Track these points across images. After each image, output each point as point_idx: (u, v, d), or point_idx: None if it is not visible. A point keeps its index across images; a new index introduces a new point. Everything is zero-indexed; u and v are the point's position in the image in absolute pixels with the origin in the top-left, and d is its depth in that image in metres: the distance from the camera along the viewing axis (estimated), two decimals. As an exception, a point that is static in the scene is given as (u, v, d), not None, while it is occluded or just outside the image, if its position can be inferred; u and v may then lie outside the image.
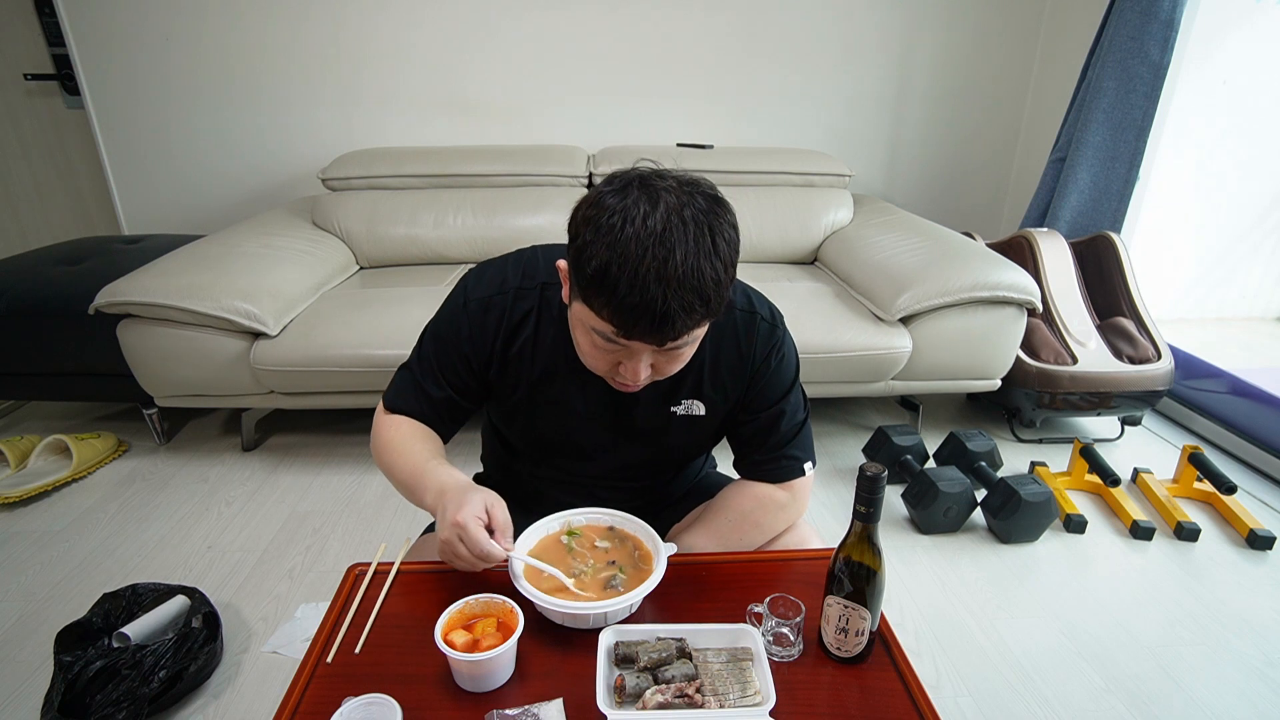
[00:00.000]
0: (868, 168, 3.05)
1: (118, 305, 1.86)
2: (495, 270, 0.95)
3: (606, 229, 0.71)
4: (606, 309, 0.73)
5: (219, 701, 1.32)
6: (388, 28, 2.70)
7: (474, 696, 0.75)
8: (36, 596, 1.58)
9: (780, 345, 0.96)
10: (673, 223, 0.71)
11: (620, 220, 0.71)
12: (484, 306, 0.93)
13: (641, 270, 0.69)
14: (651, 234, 0.70)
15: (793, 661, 0.81)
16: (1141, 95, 2.36)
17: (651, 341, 0.75)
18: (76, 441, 2.02)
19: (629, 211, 0.71)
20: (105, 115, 2.77)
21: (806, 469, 1.00)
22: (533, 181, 2.59)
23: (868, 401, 2.51)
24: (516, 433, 1.03)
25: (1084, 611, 1.57)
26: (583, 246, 0.73)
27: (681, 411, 0.96)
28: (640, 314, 0.71)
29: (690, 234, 0.71)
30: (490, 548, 0.80)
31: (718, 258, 0.72)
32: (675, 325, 0.72)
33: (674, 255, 0.70)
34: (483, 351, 0.94)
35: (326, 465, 2.11)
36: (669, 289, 0.70)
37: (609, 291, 0.71)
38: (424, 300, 2.00)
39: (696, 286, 0.71)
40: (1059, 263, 2.36)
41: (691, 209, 0.72)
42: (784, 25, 2.80)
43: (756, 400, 0.97)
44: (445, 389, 0.96)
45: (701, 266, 0.71)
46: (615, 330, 0.75)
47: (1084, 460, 2.01)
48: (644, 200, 0.72)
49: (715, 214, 0.74)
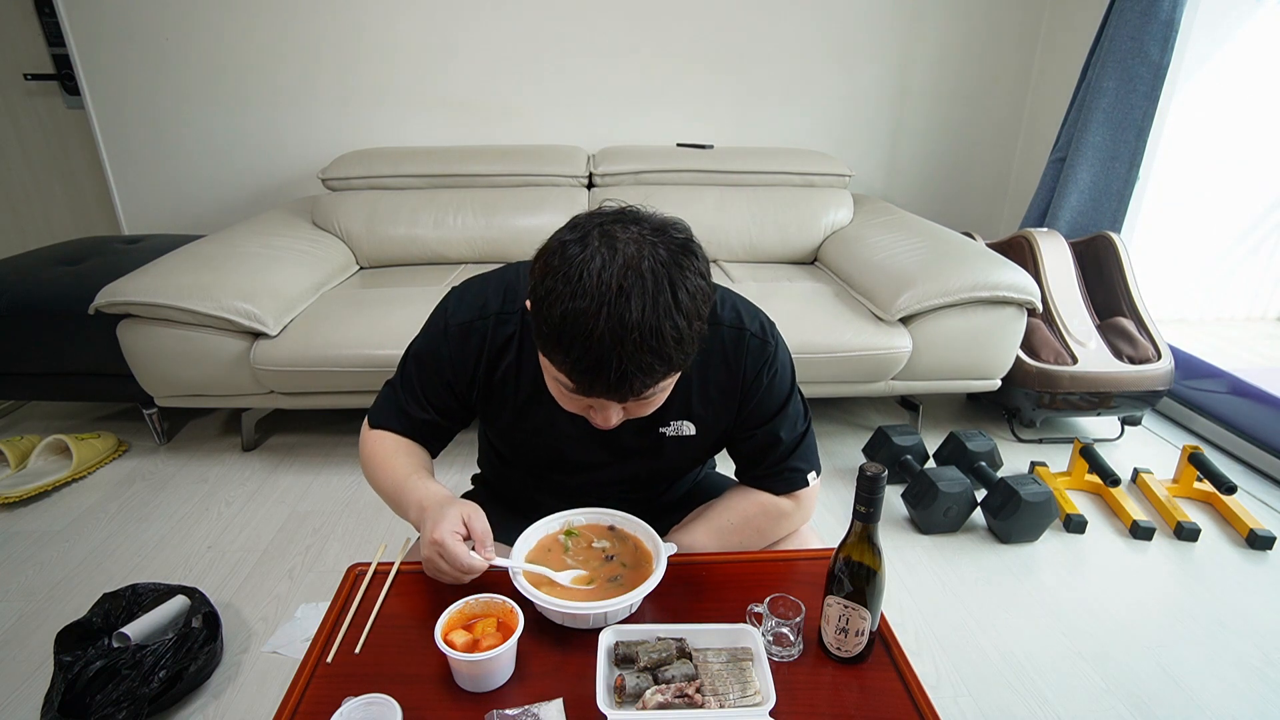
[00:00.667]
0: (868, 168, 3.05)
1: (118, 305, 1.86)
2: (476, 292, 0.93)
3: (563, 281, 0.68)
4: (564, 366, 0.71)
5: (219, 701, 1.32)
6: (388, 28, 2.70)
7: (474, 696, 0.75)
8: (36, 596, 1.58)
9: (772, 360, 0.93)
10: (630, 277, 0.67)
11: (577, 273, 0.67)
12: (465, 331, 0.91)
13: (596, 332, 0.66)
14: (607, 290, 0.66)
15: (793, 661, 0.81)
16: (1141, 95, 2.36)
17: (612, 399, 0.74)
18: (76, 441, 2.02)
19: (587, 264, 0.67)
20: (105, 115, 2.77)
21: (810, 479, 0.99)
22: (533, 181, 2.59)
23: (868, 401, 2.51)
24: (509, 449, 1.02)
25: (1084, 611, 1.57)
26: (540, 298, 0.70)
27: (670, 433, 0.94)
28: (597, 375, 0.69)
29: (649, 288, 0.67)
30: (470, 561, 0.80)
31: (679, 313, 0.68)
32: (634, 385, 0.70)
33: (630, 313, 0.66)
34: (464, 376, 0.92)
35: (326, 465, 2.11)
36: (625, 350, 0.67)
37: (564, 351, 0.69)
38: (424, 300, 1.98)
39: (655, 347, 0.68)
40: (1059, 263, 2.36)
41: (652, 260, 0.68)
42: (784, 25, 2.80)
43: (752, 417, 0.95)
44: (429, 411, 0.95)
45: (660, 325, 0.67)
46: (573, 388, 0.73)
47: (1084, 460, 2.01)
48: (603, 250, 0.68)
49: (678, 264, 0.70)
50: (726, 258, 2.58)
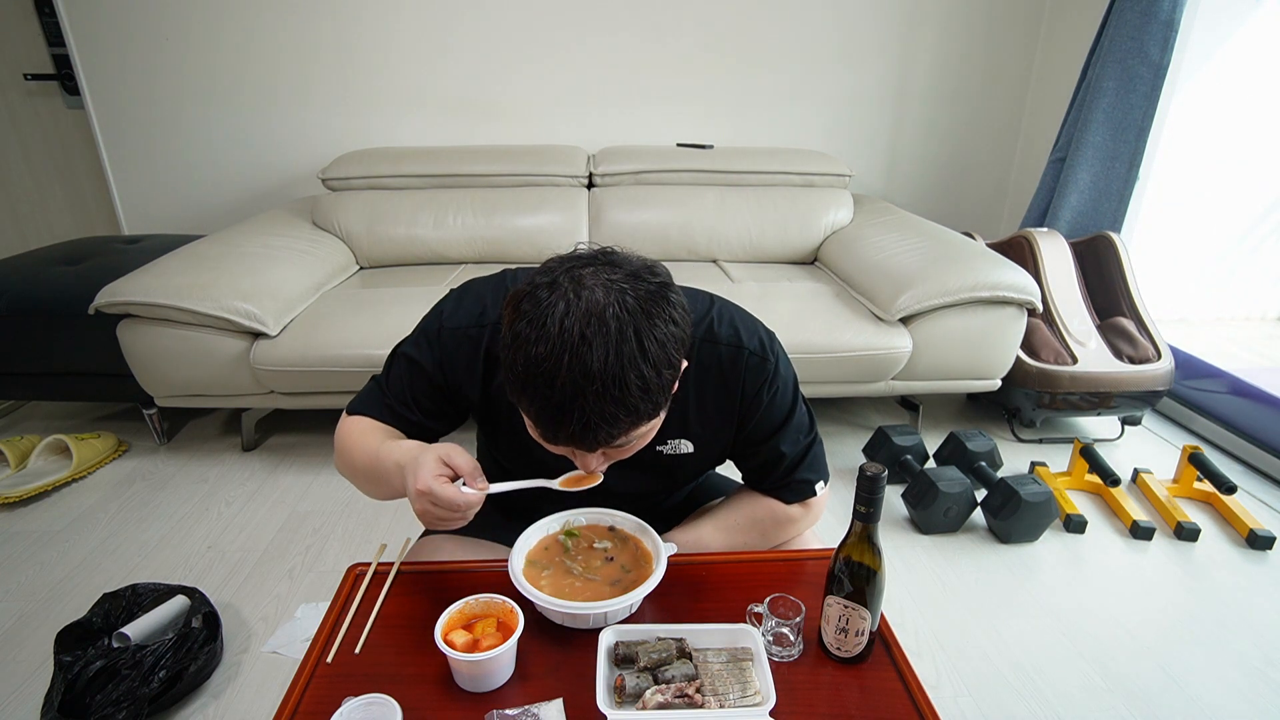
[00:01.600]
0: (868, 168, 3.05)
1: (118, 305, 1.86)
2: (474, 298, 0.91)
3: (528, 326, 0.66)
4: (530, 413, 0.70)
5: (219, 701, 1.32)
6: (388, 28, 2.70)
7: (474, 696, 0.75)
8: (36, 596, 1.58)
9: (773, 378, 0.90)
10: (592, 325, 0.65)
11: (541, 319, 0.66)
12: (459, 339, 0.89)
13: (558, 380, 0.65)
14: (569, 336, 0.65)
15: (793, 661, 0.81)
16: (1141, 95, 2.36)
17: (582, 448, 0.72)
18: (76, 441, 2.02)
19: (551, 309, 0.66)
20: (105, 115, 2.77)
21: (818, 488, 0.98)
22: (533, 181, 2.59)
23: (868, 401, 2.51)
24: (508, 461, 1.01)
25: (1084, 611, 1.57)
26: (508, 344, 0.69)
27: (669, 451, 0.93)
28: (560, 424, 0.68)
29: (611, 336, 0.65)
30: (464, 496, 0.77)
31: (644, 361, 0.66)
32: (599, 435, 0.68)
33: (592, 361, 0.64)
34: (456, 383, 0.90)
35: (326, 465, 2.11)
36: (586, 400, 0.66)
37: (529, 398, 0.68)
38: (424, 300, 1.97)
39: (617, 397, 0.66)
40: (1059, 263, 2.36)
41: (618, 307, 0.66)
42: (784, 25, 2.80)
43: (754, 435, 0.93)
44: (415, 413, 0.93)
45: (624, 374, 0.65)
46: (542, 435, 0.72)
47: (1084, 460, 2.01)
48: (569, 295, 0.66)
49: (646, 313, 0.67)
50: (726, 258, 2.58)
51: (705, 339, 0.88)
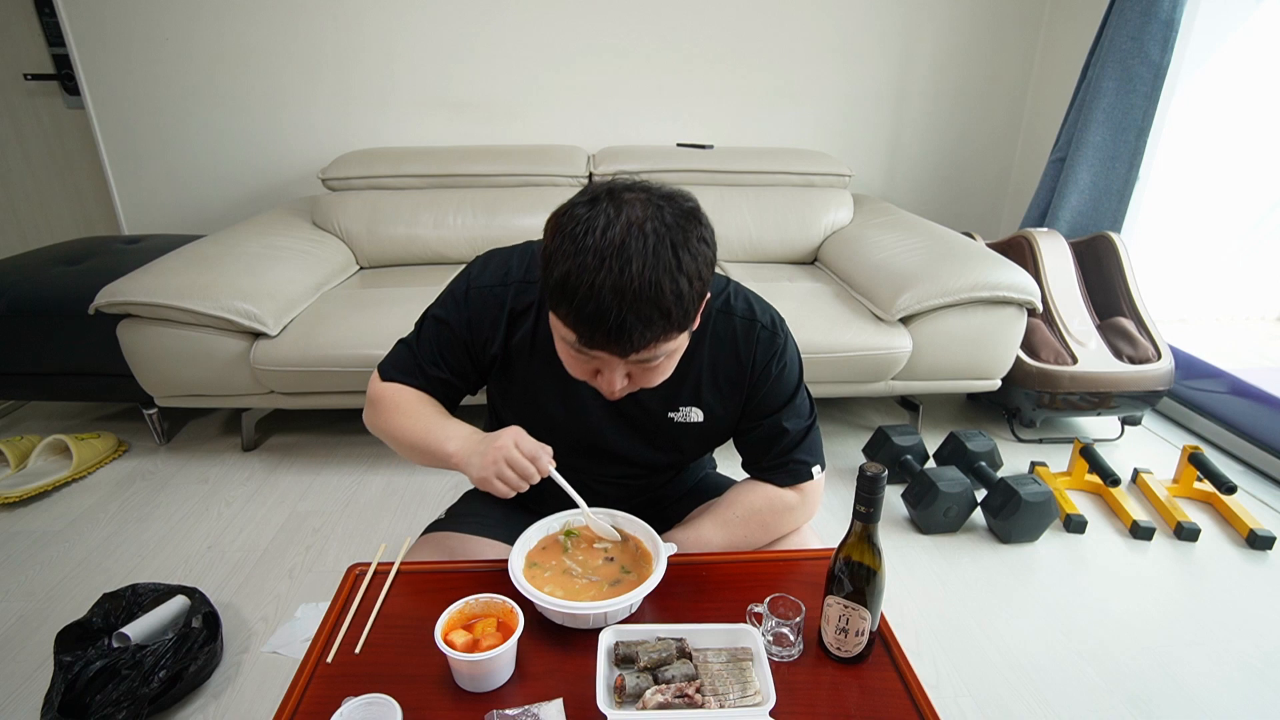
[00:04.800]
0: (868, 168, 3.05)
1: (118, 305, 1.86)
2: (500, 260, 0.97)
3: (570, 239, 0.72)
4: (568, 318, 0.74)
5: (219, 701, 1.32)
6: (388, 28, 2.70)
7: (474, 696, 0.75)
8: (36, 596, 1.58)
9: (782, 353, 0.96)
10: (633, 234, 0.71)
11: (583, 230, 0.72)
12: (485, 297, 0.94)
13: (598, 282, 0.70)
14: (610, 245, 0.70)
15: (793, 661, 0.81)
16: (1141, 95, 2.37)
17: (613, 353, 0.76)
18: (76, 441, 2.02)
19: (592, 222, 0.72)
20: (105, 115, 2.76)
21: (815, 472, 1.00)
22: (533, 181, 2.59)
23: (868, 401, 2.51)
24: (516, 416, 1.03)
25: (1084, 611, 1.57)
26: (549, 255, 0.74)
27: (679, 418, 0.97)
28: (597, 324, 0.72)
29: (649, 247, 0.71)
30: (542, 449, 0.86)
31: (680, 272, 0.72)
32: (633, 338, 0.73)
33: (630, 268, 0.70)
34: (481, 338, 0.95)
35: (326, 465, 2.11)
36: (624, 301, 0.70)
37: (568, 301, 0.72)
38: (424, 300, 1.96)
39: (654, 299, 0.71)
40: (1059, 263, 2.36)
41: (655, 222, 0.72)
42: (784, 25, 2.80)
43: (760, 407, 0.97)
44: (443, 370, 0.97)
45: (660, 280, 0.71)
46: (577, 339, 0.76)
47: (1084, 460, 2.01)
48: (609, 211, 0.72)
49: (683, 228, 0.74)
50: (726, 258, 2.58)
51: (721, 310, 0.94)
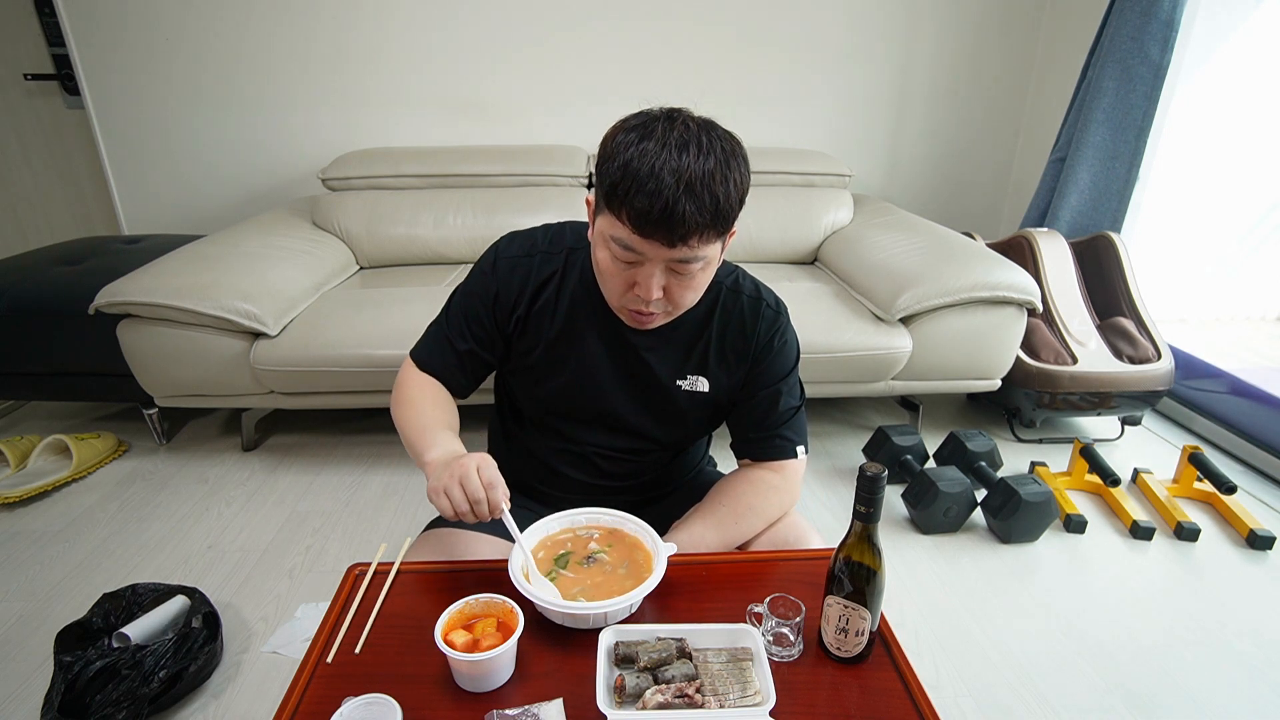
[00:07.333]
0: (868, 168, 3.05)
1: (118, 305, 1.86)
2: (525, 236, 1.05)
3: (630, 141, 0.80)
4: (624, 207, 0.80)
5: (219, 701, 1.32)
6: (388, 28, 2.69)
7: (474, 696, 0.75)
8: (36, 596, 1.58)
9: (783, 331, 1.04)
10: (691, 135, 0.79)
11: (646, 129, 0.80)
12: (512, 265, 1.01)
13: (658, 165, 0.77)
14: (671, 140, 0.79)
15: (793, 661, 0.81)
16: (1141, 95, 2.36)
17: (662, 241, 0.80)
18: (76, 441, 2.02)
19: (650, 126, 0.80)
20: (105, 115, 2.76)
21: (799, 452, 1.05)
22: (533, 181, 2.59)
23: (868, 401, 2.51)
24: (528, 393, 1.07)
25: (1084, 611, 1.57)
26: (607, 157, 0.82)
27: (686, 386, 1.03)
28: (654, 202, 0.77)
29: (706, 146, 0.79)
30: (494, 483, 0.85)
31: (730, 172, 0.80)
32: (686, 223, 0.78)
33: (688, 155, 0.78)
34: (507, 305, 1.01)
35: (326, 465, 2.11)
36: (681, 184, 0.77)
37: (628, 186, 0.78)
38: (424, 300, 2.00)
39: (709, 186, 0.78)
40: (1059, 263, 2.36)
41: (710, 135, 0.81)
42: (784, 26, 2.80)
43: (757, 380, 1.03)
44: (469, 341, 1.03)
45: (714, 171, 0.78)
46: (631, 229, 0.81)
47: (1084, 460, 2.01)
48: (666, 120, 0.81)
49: (733, 145, 0.83)
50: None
51: (730, 289, 1.03)
